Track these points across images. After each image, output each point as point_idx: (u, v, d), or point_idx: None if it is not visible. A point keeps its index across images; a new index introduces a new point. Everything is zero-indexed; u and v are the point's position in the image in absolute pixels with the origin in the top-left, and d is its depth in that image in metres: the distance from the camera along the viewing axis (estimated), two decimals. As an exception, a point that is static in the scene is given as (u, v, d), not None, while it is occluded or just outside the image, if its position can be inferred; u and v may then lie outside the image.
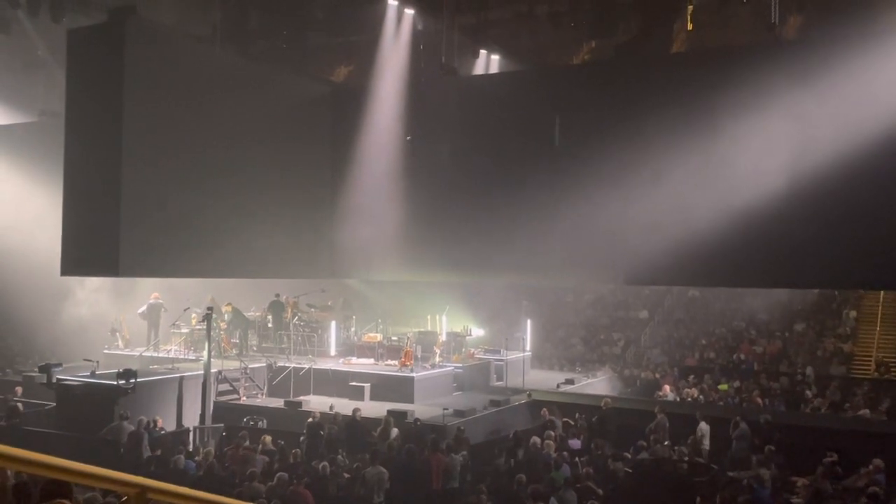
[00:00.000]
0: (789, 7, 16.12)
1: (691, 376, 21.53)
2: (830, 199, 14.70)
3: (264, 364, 19.10)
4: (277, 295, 20.97)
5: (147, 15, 16.47)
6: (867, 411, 17.88)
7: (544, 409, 16.40)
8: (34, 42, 20.71)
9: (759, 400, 19.36)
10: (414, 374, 18.25)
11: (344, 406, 16.04)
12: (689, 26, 17.59)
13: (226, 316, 20.58)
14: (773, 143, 15.39)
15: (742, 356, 22.96)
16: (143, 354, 19.39)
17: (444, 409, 16.18)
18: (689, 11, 17.72)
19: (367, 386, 18.20)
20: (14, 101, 22.93)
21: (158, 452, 13.52)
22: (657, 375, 22.27)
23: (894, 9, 14.89)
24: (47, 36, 19.99)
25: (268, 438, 13.92)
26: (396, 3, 18.75)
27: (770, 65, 15.65)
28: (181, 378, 17.05)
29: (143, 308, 20.46)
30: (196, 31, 19.25)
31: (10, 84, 22.56)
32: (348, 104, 20.42)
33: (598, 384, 21.77)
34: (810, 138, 14.87)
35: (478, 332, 22.44)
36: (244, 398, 18.04)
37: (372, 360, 19.63)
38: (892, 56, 14.44)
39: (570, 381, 20.92)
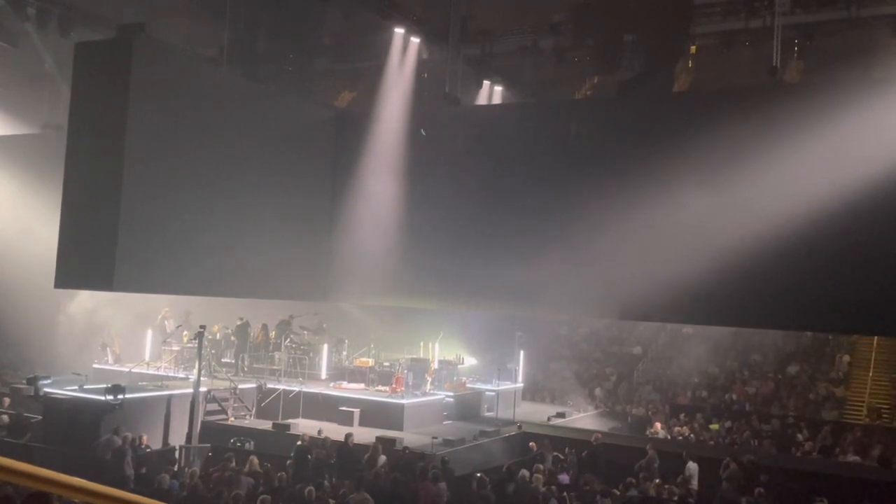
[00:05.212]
0: (791, 51, 16.35)
1: (682, 414, 21.43)
2: (827, 242, 14.74)
3: (254, 385, 18.97)
4: (291, 316, 20.92)
5: (155, 33, 16.61)
6: (857, 458, 17.79)
7: (532, 443, 16.30)
8: (41, 55, 20.87)
9: (751, 441, 19.28)
10: (404, 401, 18.14)
11: (333, 431, 15.91)
12: (691, 65, 17.82)
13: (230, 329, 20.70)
14: (771, 185, 15.46)
15: (734, 396, 22.87)
16: (133, 371, 19.26)
17: (434, 437, 16.06)
18: (692, 52, 17.97)
19: (356, 411, 18.07)
20: (18, 112, 23.06)
21: (143, 470, 13.37)
22: (649, 412, 22.16)
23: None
24: (55, 50, 20.18)
25: (255, 460, 13.79)
26: (403, 31, 18.93)
27: (772, 107, 15.81)
28: (170, 396, 16.92)
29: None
30: (203, 51, 19.46)
31: (16, 96, 22.71)
32: (350, 130, 20.52)
33: (588, 419, 21.65)
34: (808, 181, 14.92)
35: (470, 361, 22.34)
36: (232, 419, 17.90)
37: (362, 385, 19.51)
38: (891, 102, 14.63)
39: (561, 415, 20.80)
